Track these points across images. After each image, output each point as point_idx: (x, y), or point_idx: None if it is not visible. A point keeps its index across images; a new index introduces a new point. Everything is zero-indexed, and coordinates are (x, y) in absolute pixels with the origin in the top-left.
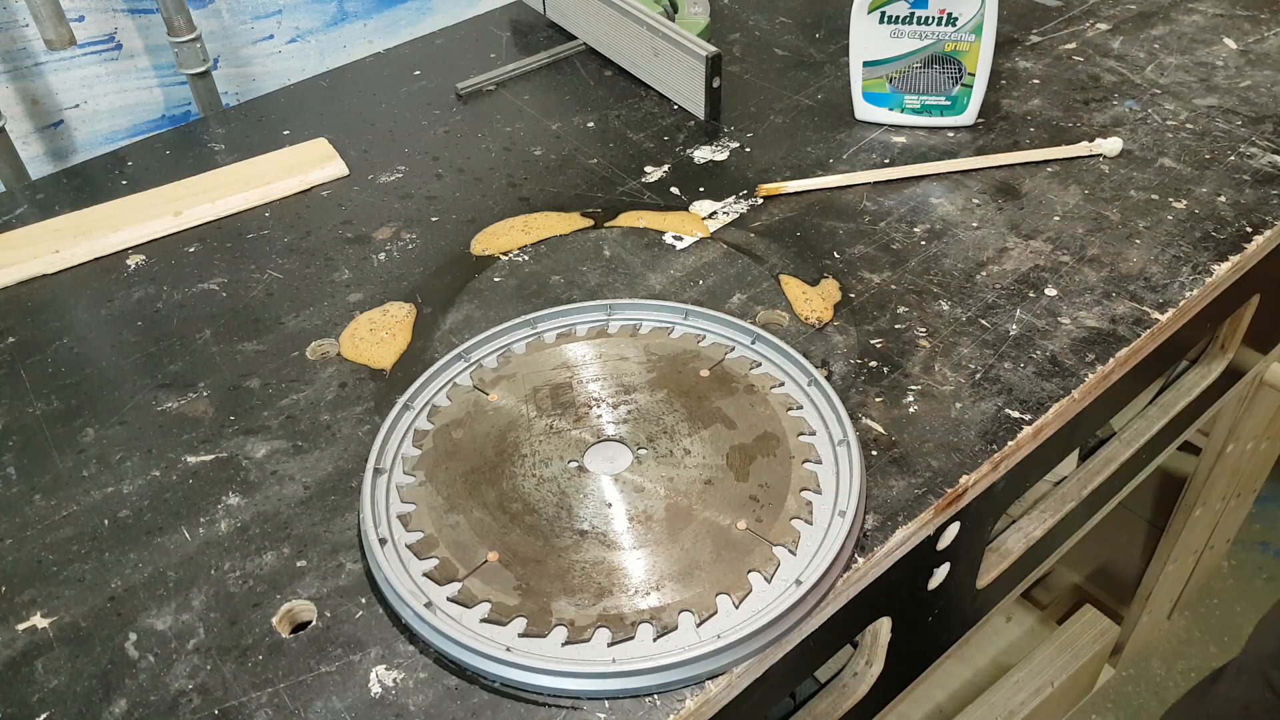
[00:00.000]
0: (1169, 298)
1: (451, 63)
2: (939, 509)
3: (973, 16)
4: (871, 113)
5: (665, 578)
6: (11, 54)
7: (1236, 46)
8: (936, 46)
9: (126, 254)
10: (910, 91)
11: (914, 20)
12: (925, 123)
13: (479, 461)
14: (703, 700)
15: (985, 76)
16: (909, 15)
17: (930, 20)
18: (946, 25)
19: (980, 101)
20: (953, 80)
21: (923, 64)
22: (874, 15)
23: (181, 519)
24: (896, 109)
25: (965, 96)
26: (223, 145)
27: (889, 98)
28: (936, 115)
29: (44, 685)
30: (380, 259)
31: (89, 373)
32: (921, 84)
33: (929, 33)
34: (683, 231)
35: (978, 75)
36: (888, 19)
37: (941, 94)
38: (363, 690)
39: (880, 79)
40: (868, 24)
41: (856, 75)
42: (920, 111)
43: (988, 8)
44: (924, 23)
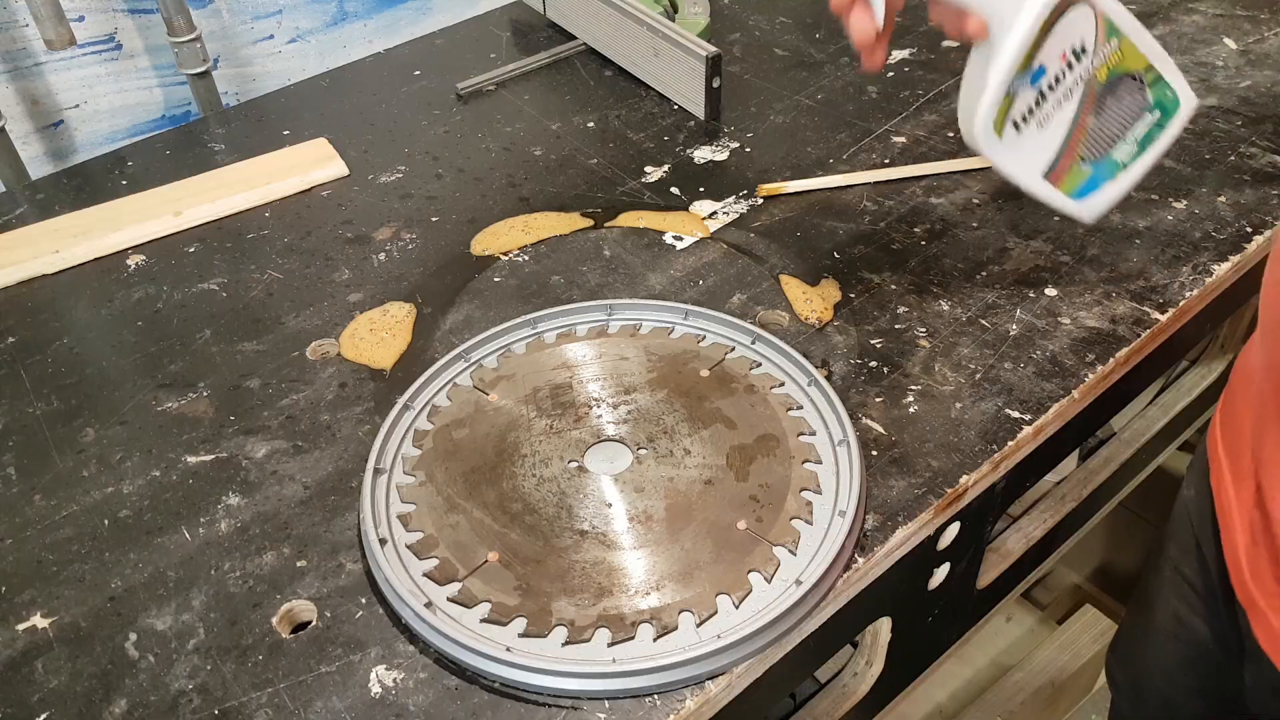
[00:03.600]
0: (1169, 298)
1: (451, 63)
2: (939, 509)
3: (1098, 26)
4: (1101, 203)
5: (665, 578)
6: (11, 54)
7: (1236, 47)
8: (1090, 87)
9: (126, 254)
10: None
11: (1048, 92)
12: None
13: (479, 461)
14: (703, 700)
15: (1163, 56)
16: (1039, 97)
17: (1062, 76)
18: (1079, 61)
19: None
20: (1139, 92)
21: (1094, 112)
22: (1009, 131)
23: (181, 519)
24: (1118, 172)
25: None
26: (223, 145)
27: (1101, 172)
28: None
29: (44, 685)
30: (380, 259)
31: (89, 373)
32: (1114, 127)
33: (1071, 85)
34: (683, 231)
35: (1155, 63)
36: (1024, 120)
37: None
38: (363, 690)
39: (1075, 171)
40: (1011, 144)
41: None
42: (1144, 145)
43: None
44: (1058, 83)
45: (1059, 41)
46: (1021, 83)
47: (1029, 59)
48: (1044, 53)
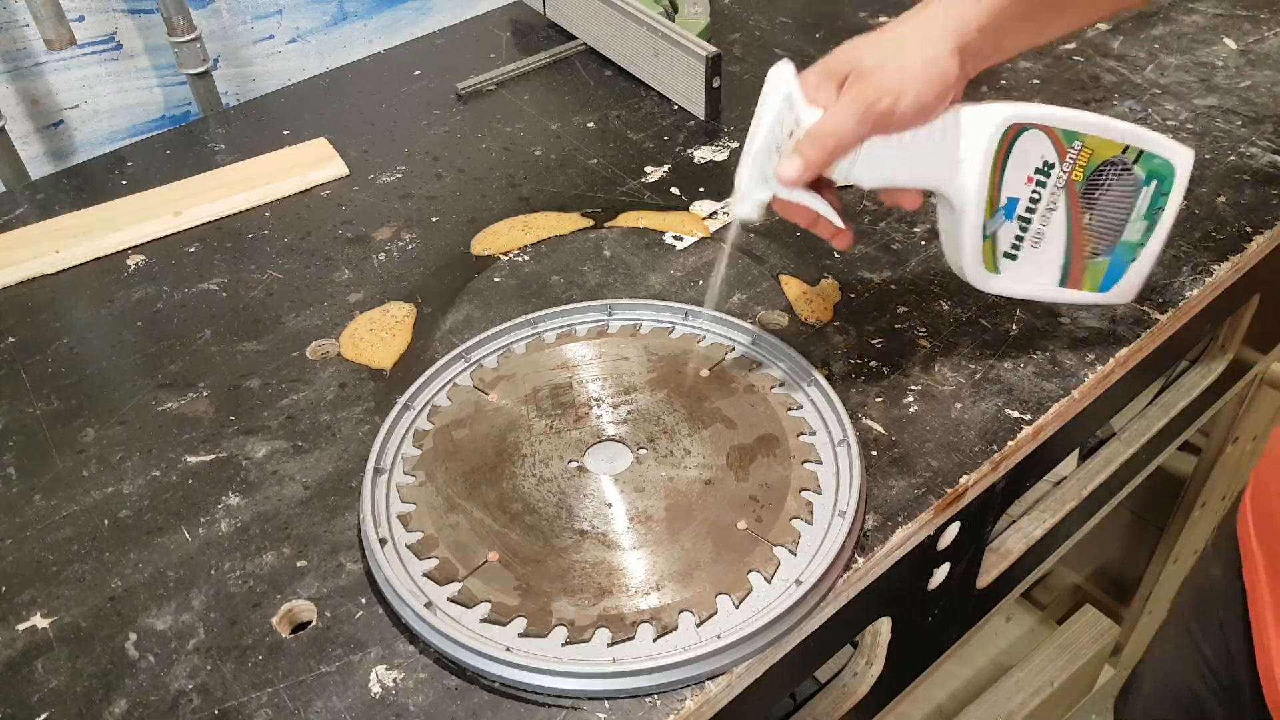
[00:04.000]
0: (1169, 298)
1: (451, 63)
2: (939, 509)
3: (1053, 140)
4: (1132, 284)
5: (665, 578)
6: (11, 54)
7: (1236, 46)
8: (1071, 191)
9: (126, 254)
10: (1119, 230)
11: (1029, 215)
12: (1173, 214)
13: (479, 461)
14: (703, 700)
15: (1135, 131)
16: (1021, 222)
17: (1036, 196)
18: (1049, 176)
19: (1166, 140)
20: (1125, 174)
21: (1086, 210)
22: (1004, 264)
23: (181, 519)
24: (1137, 250)
25: (1152, 160)
26: (223, 145)
27: (1119, 258)
28: (1165, 198)
29: (44, 685)
30: (380, 259)
31: (89, 373)
32: (1114, 215)
33: (1051, 199)
34: (683, 231)
35: (1130, 141)
36: (1014, 249)
37: (1138, 189)
38: (363, 690)
39: (1091, 268)
40: (1013, 273)
41: (1076, 297)
42: (1153, 217)
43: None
44: (1035, 203)
45: (1018, 171)
46: (995, 223)
47: (992, 202)
48: (1007, 188)
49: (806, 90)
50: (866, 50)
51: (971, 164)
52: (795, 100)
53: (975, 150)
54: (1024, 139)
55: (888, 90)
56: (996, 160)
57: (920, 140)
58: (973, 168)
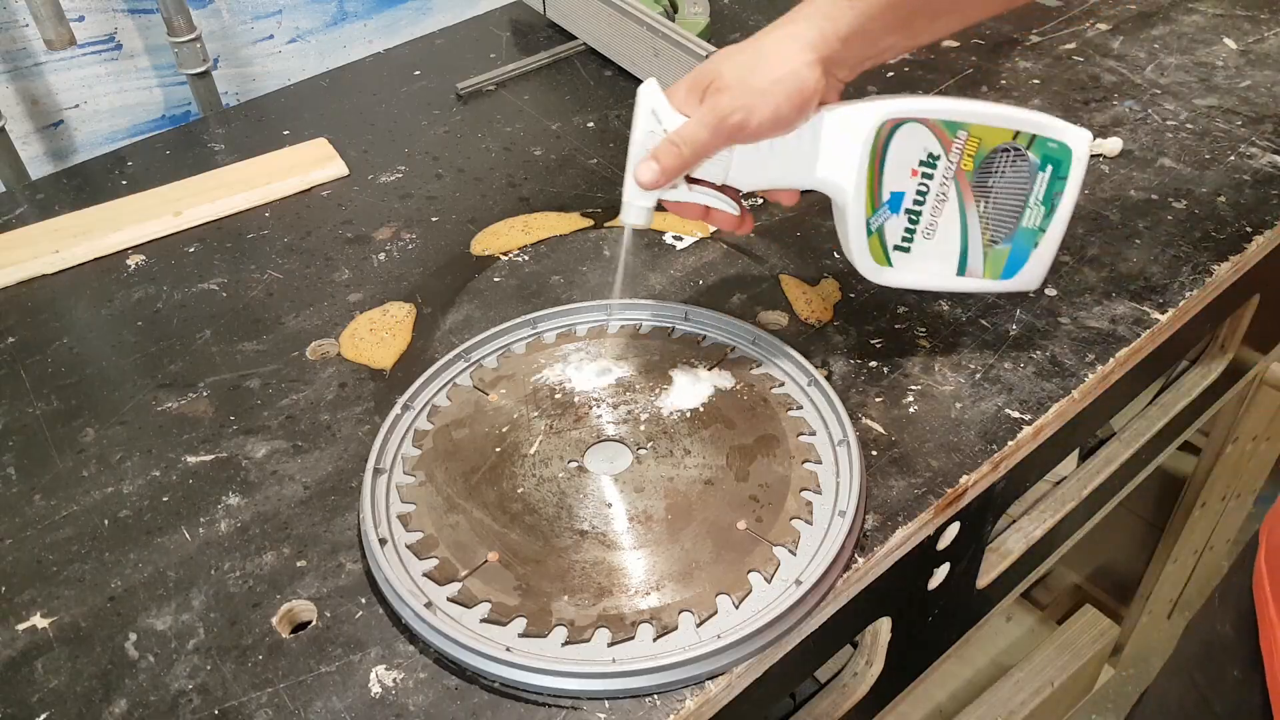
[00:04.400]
0: (1169, 298)
1: (451, 63)
2: (939, 509)
3: (934, 131)
4: (1036, 270)
5: (665, 578)
6: (11, 54)
7: (1236, 46)
8: (962, 181)
9: (126, 254)
10: (1017, 217)
11: (918, 207)
12: (1072, 198)
13: (479, 461)
14: (703, 700)
15: (1026, 117)
16: (910, 215)
17: (924, 188)
18: (935, 167)
19: (1062, 123)
20: (1019, 160)
21: (979, 199)
22: (897, 257)
23: (181, 519)
24: (1038, 237)
25: (1046, 145)
26: (223, 145)
27: (1020, 244)
28: (1063, 183)
29: (44, 685)
30: (380, 259)
31: (89, 373)
32: (1010, 201)
33: (940, 189)
34: (683, 231)
35: (1021, 128)
36: (905, 241)
37: (1034, 174)
38: (363, 690)
39: (991, 256)
40: (907, 265)
41: (977, 285)
42: (1051, 201)
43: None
44: (924, 195)
45: (900, 165)
46: (881, 216)
47: (873, 198)
48: (889, 183)
49: (676, 100)
50: (728, 62)
51: (847, 162)
52: (660, 112)
53: (850, 149)
54: (902, 133)
55: (741, 105)
56: (874, 157)
57: (789, 145)
58: (848, 166)
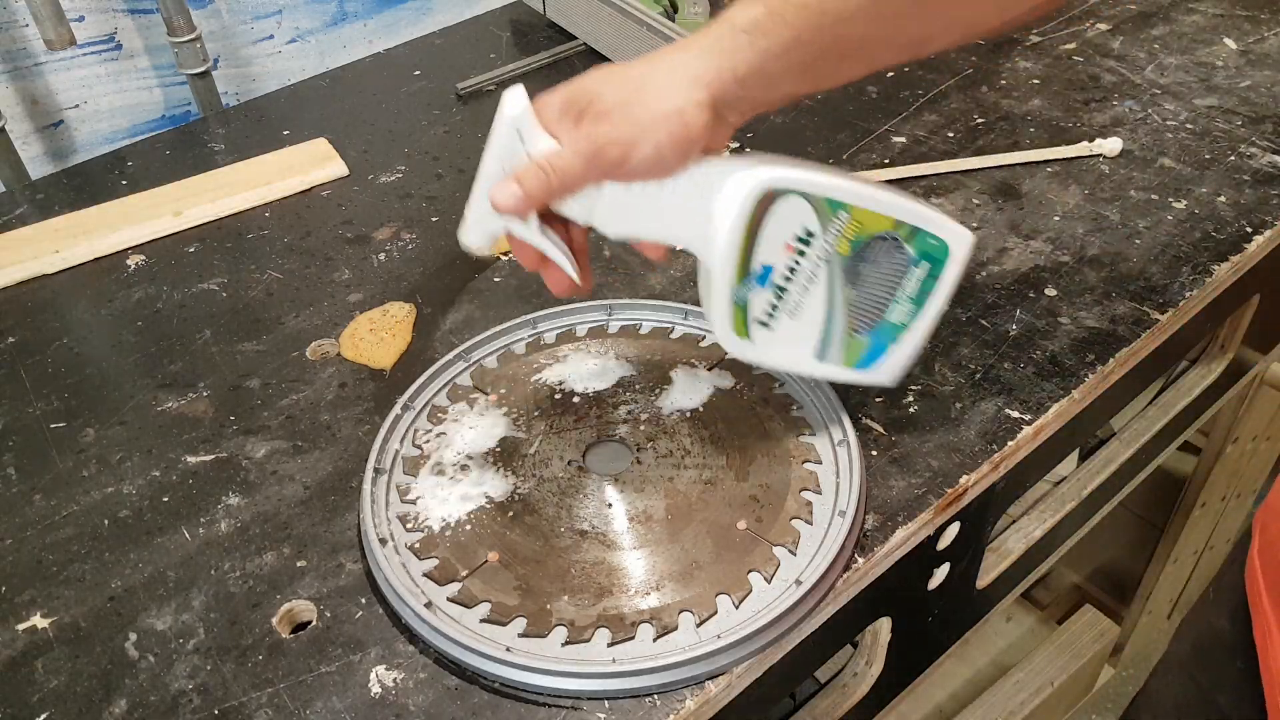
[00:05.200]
0: (1169, 298)
1: (451, 63)
2: (939, 509)
3: (815, 208)
4: (894, 364)
5: (665, 578)
6: (11, 54)
7: (1236, 46)
8: (834, 264)
9: (126, 254)
10: (883, 309)
11: (785, 284)
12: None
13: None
14: (703, 700)
15: (911, 208)
16: (777, 290)
17: (795, 265)
18: (809, 245)
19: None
20: (896, 251)
21: (848, 285)
22: (757, 331)
23: (181, 519)
24: (900, 334)
25: (927, 239)
26: (223, 145)
27: (880, 338)
28: (935, 282)
29: (44, 685)
30: (380, 259)
31: (89, 373)
32: (879, 292)
33: (811, 269)
34: None
35: (903, 218)
36: (769, 317)
37: (907, 268)
38: (363, 690)
39: (851, 344)
40: (766, 342)
41: (834, 373)
42: (921, 300)
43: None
44: (794, 272)
45: (775, 237)
46: (748, 288)
47: (744, 266)
48: (762, 253)
49: (546, 116)
50: (610, 85)
51: (721, 226)
52: (526, 130)
53: (726, 212)
54: (783, 204)
55: (620, 137)
56: (750, 225)
57: (665, 193)
58: (722, 231)
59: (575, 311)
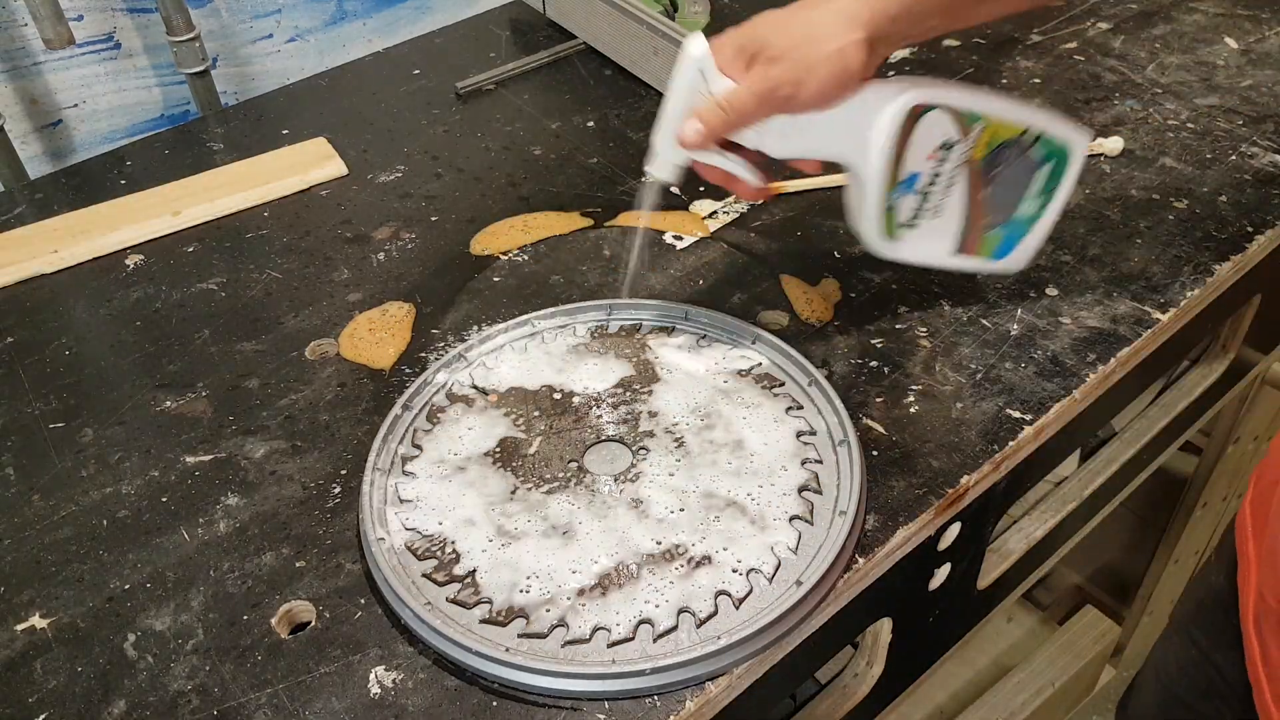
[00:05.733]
0: (1170, 297)
1: (451, 62)
2: (940, 509)
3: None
4: (1023, 254)
5: (665, 578)
6: (10, 53)
7: (1237, 46)
8: (972, 168)
9: (125, 254)
10: (1014, 206)
11: (929, 189)
12: (1066, 192)
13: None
14: (703, 701)
15: (1034, 115)
16: (922, 196)
17: (937, 172)
18: (950, 152)
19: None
20: (1023, 155)
21: (984, 186)
22: (903, 233)
23: (180, 519)
24: (1030, 225)
25: (1049, 143)
26: (222, 145)
27: (1013, 230)
28: (1060, 178)
29: (42, 686)
30: (379, 259)
31: (87, 373)
32: (1011, 191)
33: (951, 174)
34: (683, 231)
35: (1029, 125)
36: (914, 218)
37: (1035, 169)
38: (362, 691)
39: (986, 239)
40: (911, 241)
41: (969, 264)
42: (1048, 194)
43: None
44: (936, 178)
45: (920, 148)
46: (898, 195)
47: (894, 176)
48: (909, 163)
49: (722, 60)
50: (776, 31)
51: (876, 142)
52: (708, 71)
53: (880, 129)
54: (927, 119)
55: (790, 78)
56: (900, 139)
57: (825, 119)
58: (877, 146)
59: (575, 311)
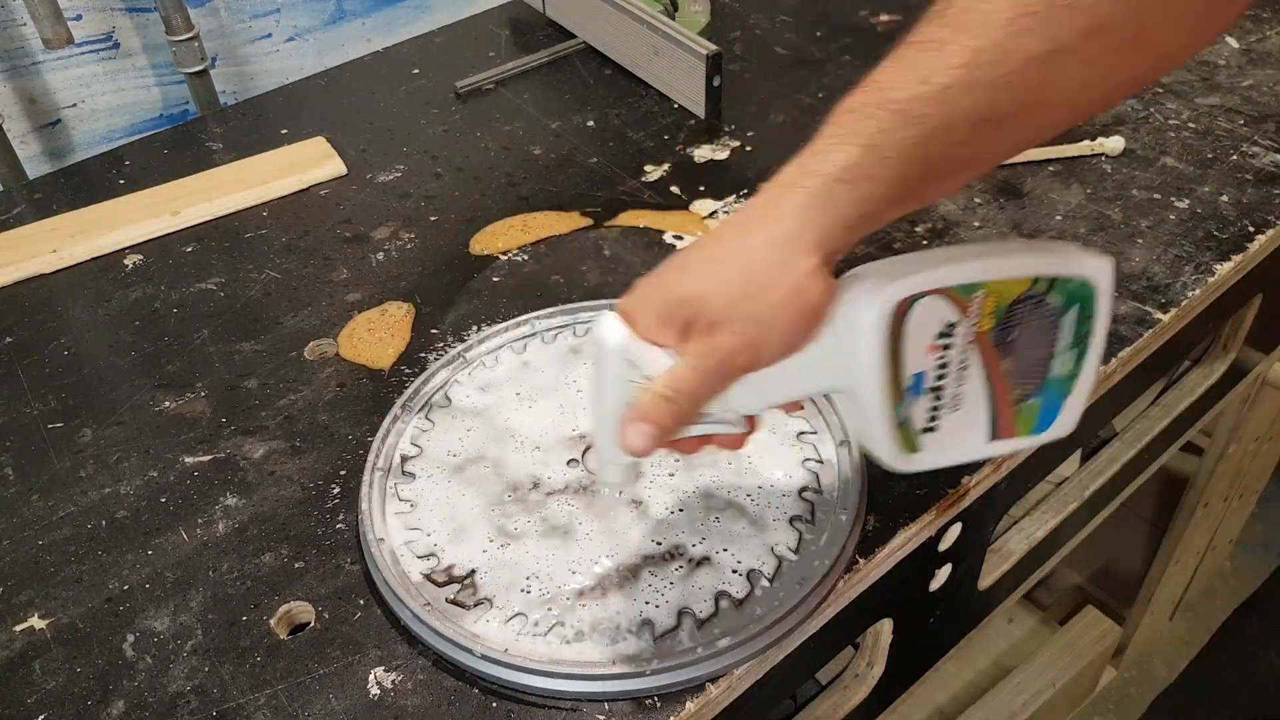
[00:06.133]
0: (1171, 297)
1: (450, 61)
2: (941, 510)
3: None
4: (1070, 417)
5: (666, 579)
6: (9, 53)
7: (1238, 45)
8: (983, 343)
9: (124, 253)
10: (1046, 368)
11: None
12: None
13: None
14: (703, 702)
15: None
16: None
17: (944, 360)
18: (953, 335)
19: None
20: (1040, 307)
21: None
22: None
23: (179, 520)
24: (1070, 383)
25: (1067, 284)
26: (221, 144)
27: (1051, 395)
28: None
29: (41, 686)
30: (379, 258)
31: (86, 373)
32: (1037, 353)
33: (961, 357)
34: (683, 231)
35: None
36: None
37: (1058, 319)
38: (361, 691)
39: (1023, 414)
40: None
41: (1012, 446)
42: (1082, 343)
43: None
44: (945, 367)
45: (917, 342)
46: (907, 404)
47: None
48: (909, 365)
49: (645, 333)
50: (705, 283)
51: (865, 363)
52: (637, 357)
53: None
54: (917, 309)
55: (743, 344)
56: (891, 346)
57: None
58: (868, 366)
59: (574, 311)
